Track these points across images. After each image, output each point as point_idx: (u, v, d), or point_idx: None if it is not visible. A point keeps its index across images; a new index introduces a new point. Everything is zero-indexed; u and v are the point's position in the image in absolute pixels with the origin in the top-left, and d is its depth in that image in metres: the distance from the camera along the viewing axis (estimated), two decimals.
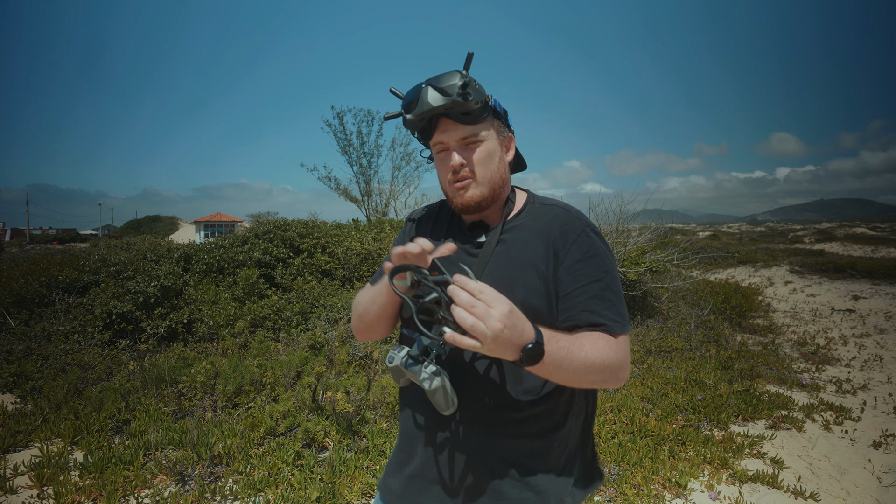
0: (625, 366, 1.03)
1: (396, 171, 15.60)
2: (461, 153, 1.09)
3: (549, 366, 0.90)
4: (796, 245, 24.27)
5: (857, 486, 3.17)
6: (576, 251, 1.07)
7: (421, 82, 1.06)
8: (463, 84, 1.01)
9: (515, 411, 1.06)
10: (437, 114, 1.06)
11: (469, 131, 1.08)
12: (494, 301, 0.81)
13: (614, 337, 1.03)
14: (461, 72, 1.03)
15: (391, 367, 1.05)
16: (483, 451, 1.07)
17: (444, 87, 1.03)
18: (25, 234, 50.45)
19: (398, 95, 1.13)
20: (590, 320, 1.03)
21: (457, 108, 1.04)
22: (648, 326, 7.15)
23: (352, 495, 2.79)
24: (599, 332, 1.02)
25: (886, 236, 30.04)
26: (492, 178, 1.11)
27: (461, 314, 0.80)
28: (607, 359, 0.98)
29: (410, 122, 1.09)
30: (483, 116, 1.08)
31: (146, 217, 58.50)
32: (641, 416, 3.97)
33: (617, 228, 8.09)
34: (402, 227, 1.35)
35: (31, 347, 5.16)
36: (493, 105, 1.09)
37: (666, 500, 2.93)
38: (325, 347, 5.12)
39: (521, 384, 1.07)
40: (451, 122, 1.07)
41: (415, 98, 1.06)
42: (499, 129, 1.13)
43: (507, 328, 0.81)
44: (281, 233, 8.01)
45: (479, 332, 0.79)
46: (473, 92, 1.03)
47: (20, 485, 2.87)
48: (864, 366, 5.94)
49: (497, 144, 1.12)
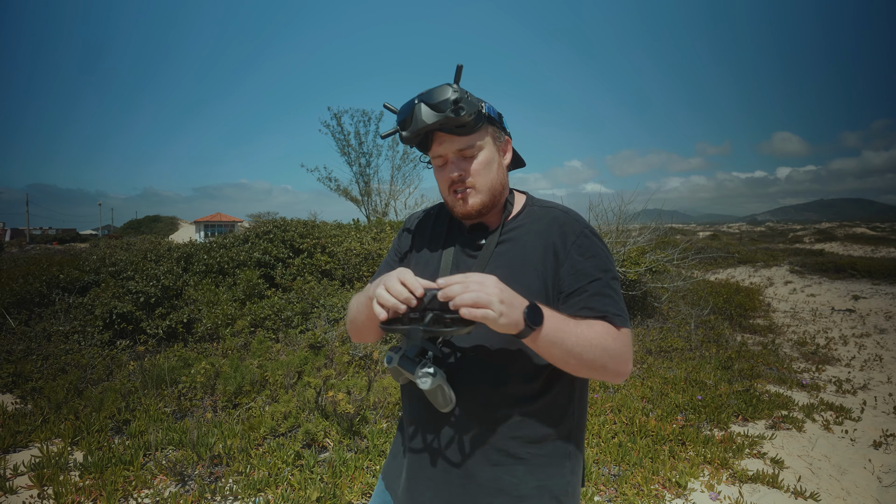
0: (626, 358, 1.05)
1: (396, 171, 15.59)
2: (459, 164, 1.11)
3: (550, 333, 0.94)
4: (796, 245, 24.27)
5: (857, 486, 3.17)
6: (575, 252, 1.08)
7: (414, 98, 1.08)
8: (455, 100, 1.03)
9: (513, 408, 1.08)
10: (432, 129, 1.08)
11: (465, 143, 1.09)
12: (482, 277, 0.91)
13: (616, 328, 1.05)
14: (452, 86, 1.04)
15: (390, 367, 1.08)
16: (483, 446, 1.09)
17: (436, 103, 1.04)
18: (25, 234, 50.46)
19: (392, 111, 1.14)
20: (591, 315, 1.05)
21: (450, 123, 1.05)
22: (648, 326, 7.15)
23: (352, 495, 2.79)
24: (601, 321, 1.04)
25: (886, 236, 30.03)
26: (492, 185, 1.12)
27: (462, 295, 0.87)
28: (606, 342, 1.00)
29: (406, 138, 1.10)
30: (478, 126, 1.08)
31: (146, 217, 58.48)
32: (641, 416, 3.97)
33: (617, 228, 8.09)
34: (399, 232, 1.35)
35: (31, 347, 5.16)
36: (486, 113, 1.10)
37: (666, 500, 2.93)
38: (324, 347, 5.12)
39: (519, 381, 1.08)
40: (447, 135, 1.09)
41: (408, 115, 1.08)
42: (494, 135, 1.14)
43: (503, 291, 0.90)
44: (281, 233, 8.00)
45: (483, 300, 0.86)
46: (466, 105, 1.04)
47: (20, 485, 2.87)
48: (864, 366, 5.94)
49: (494, 151, 1.13)
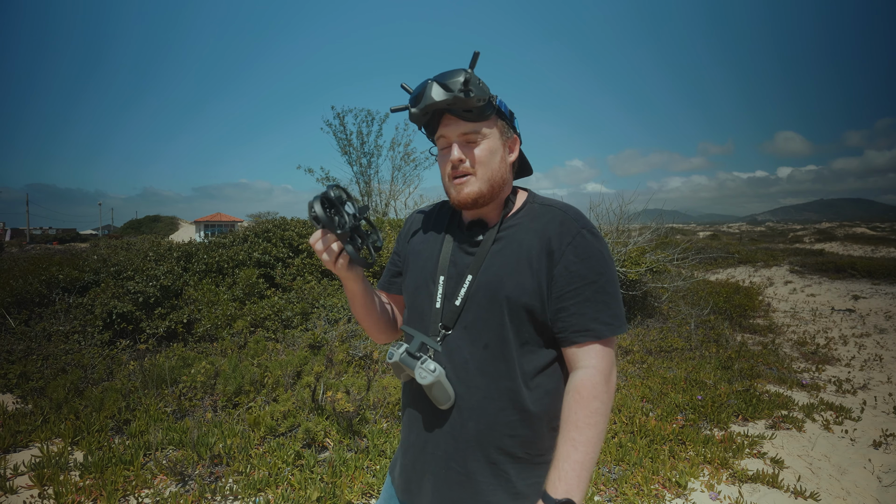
0: (612, 370, 1.07)
1: (396, 171, 15.58)
2: (462, 149, 1.11)
3: (585, 486, 1.00)
4: (796, 245, 24.26)
5: (857, 486, 3.17)
6: (570, 253, 1.08)
7: (429, 78, 1.09)
8: (465, 81, 1.04)
9: (511, 407, 1.08)
10: (440, 109, 1.09)
11: (471, 128, 1.10)
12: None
13: (602, 342, 1.06)
14: (466, 70, 1.06)
15: (391, 363, 1.11)
16: (481, 443, 1.09)
17: (447, 83, 1.06)
18: (25, 234, 50.45)
19: (408, 90, 1.16)
20: (579, 325, 1.06)
21: (459, 105, 1.06)
22: (648, 326, 7.15)
23: (352, 495, 2.79)
24: (582, 373, 1.05)
25: (886, 236, 30.03)
26: (492, 175, 1.12)
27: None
28: (598, 418, 1.03)
29: (415, 115, 1.12)
30: (486, 114, 1.09)
31: (146, 217, 58.47)
32: (641, 415, 3.97)
33: (617, 228, 8.09)
34: (402, 226, 1.37)
35: (31, 347, 5.16)
36: (497, 105, 1.11)
37: (666, 500, 2.93)
38: (324, 347, 5.12)
39: (517, 381, 1.09)
40: (454, 117, 1.10)
41: (420, 93, 1.09)
42: (502, 129, 1.15)
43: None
44: (280, 232, 8.00)
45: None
46: (476, 89, 1.05)
47: (20, 485, 2.87)
48: (864, 366, 5.94)
49: (499, 143, 1.14)
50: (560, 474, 0.99)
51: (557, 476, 1.00)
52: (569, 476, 0.99)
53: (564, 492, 0.98)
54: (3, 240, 32.90)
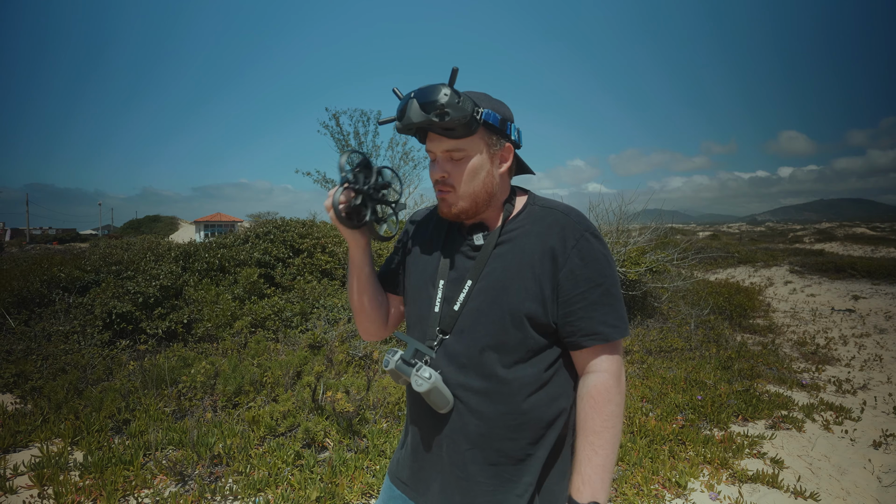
0: (621, 371, 1.09)
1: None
2: (445, 165, 1.11)
3: (608, 486, 1.05)
4: (796, 245, 24.26)
5: (857, 486, 3.17)
6: (574, 256, 1.07)
7: (412, 91, 1.07)
8: (441, 104, 1.01)
9: (511, 410, 1.08)
10: (421, 127, 1.08)
11: (453, 145, 1.08)
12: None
13: (610, 345, 1.08)
14: (445, 89, 1.02)
15: (388, 370, 1.12)
16: (481, 446, 1.10)
17: (425, 102, 1.03)
18: (25, 234, 50.45)
19: (399, 95, 1.14)
20: (588, 329, 1.06)
21: (437, 125, 1.04)
22: (648, 326, 7.15)
23: (352, 495, 2.79)
24: (594, 378, 1.07)
25: (886, 236, 30.03)
26: (474, 192, 1.11)
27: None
28: (614, 420, 1.06)
29: (400, 130, 1.11)
30: (471, 130, 1.06)
31: (146, 217, 58.43)
32: (641, 415, 3.97)
33: (617, 228, 8.09)
34: (405, 225, 1.36)
35: (31, 347, 5.16)
36: (481, 119, 1.06)
37: (666, 500, 2.93)
38: (324, 347, 5.12)
39: (516, 384, 1.09)
40: (437, 135, 1.08)
41: (403, 108, 1.07)
42: (489, 141, 1.11)
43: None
44: (280, 233, 8.01)
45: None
46: (452, 111, 1.01)
47: (20, 485, 2.87)
48: (864, 366, 5.94)
49: (485, 159, 1.11)
50: (584, 478, 1.03)
51: (581, 480, 1.03)
52: (592, 480, 1.02)
53: (590, 495, 1.02)
54: (3, 240, 32.90)
